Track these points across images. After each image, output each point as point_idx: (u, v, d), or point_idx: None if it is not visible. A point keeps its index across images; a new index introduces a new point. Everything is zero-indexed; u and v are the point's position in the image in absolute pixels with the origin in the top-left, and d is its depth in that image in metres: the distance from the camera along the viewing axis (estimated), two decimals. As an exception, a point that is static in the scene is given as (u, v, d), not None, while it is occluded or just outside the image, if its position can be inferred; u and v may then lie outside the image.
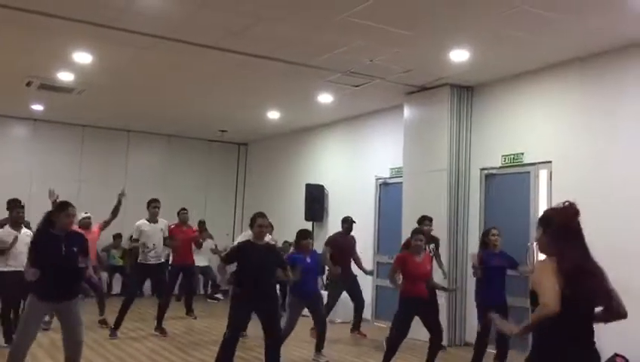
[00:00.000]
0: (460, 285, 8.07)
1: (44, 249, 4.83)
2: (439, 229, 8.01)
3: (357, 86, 8.46)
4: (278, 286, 6.93)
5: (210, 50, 7.12)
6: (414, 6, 5.71)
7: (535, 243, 7.11)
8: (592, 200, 6.00)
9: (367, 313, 9.88)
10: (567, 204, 2.89)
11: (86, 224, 8.33)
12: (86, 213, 8.55)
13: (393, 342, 6.17)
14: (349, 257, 8.55)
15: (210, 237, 11.15)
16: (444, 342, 7.82)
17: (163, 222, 8.37)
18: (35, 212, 7.28)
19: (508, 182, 7.88)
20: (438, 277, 7.26)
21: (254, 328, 6.85)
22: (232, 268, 5.84)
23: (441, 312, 7.82)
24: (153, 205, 8.28)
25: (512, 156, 7.72)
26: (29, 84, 9.14)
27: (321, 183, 11.30)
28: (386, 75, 7.89)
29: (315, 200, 11.10)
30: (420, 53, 7.07)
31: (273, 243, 7.18)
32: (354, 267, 8.62)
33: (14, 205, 7.05)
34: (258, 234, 5.74)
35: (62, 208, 4.98)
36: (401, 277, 6.24)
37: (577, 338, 2.78)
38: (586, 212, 2.95)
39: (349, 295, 8.58)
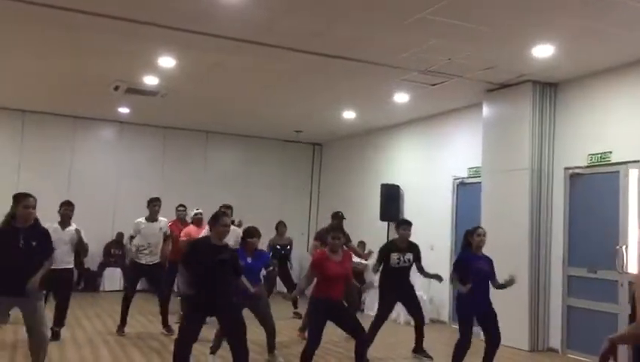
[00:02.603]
0: (543, 289, 7.81)
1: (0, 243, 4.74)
2: (520, 231, 7.78)
3: (434, 85, 8.33)
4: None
5: (288, 51, 7.22)
6: (495, 0, 5.56)
7: (624, 247, 6.84)
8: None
9: (444, 316, 9.77)
10: None
11: (198, 220, 8.41)
12: (197, 208, 8.53)
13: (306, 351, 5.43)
14: None
15: None
16: (526, 347, 7.66)
17: (163, 221, 8.00)
18: (122, 209, 7.72)
19: (595, 183, 7.53)
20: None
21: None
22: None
23: (522, 315, 7.67)
24: (153, 204, 7.86)
25: (599, 155, 7.38)
26: (116, 88, 9.58)
27: (396, 183, 11.22)
28: (464, 72, 7.73)
29: (391, 200, 11.03)
30: (501, 50, 6.88)
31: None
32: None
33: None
34: (220, 234, 5.13)
35: (19, 200, 4.81)
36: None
37: None
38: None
39: None
